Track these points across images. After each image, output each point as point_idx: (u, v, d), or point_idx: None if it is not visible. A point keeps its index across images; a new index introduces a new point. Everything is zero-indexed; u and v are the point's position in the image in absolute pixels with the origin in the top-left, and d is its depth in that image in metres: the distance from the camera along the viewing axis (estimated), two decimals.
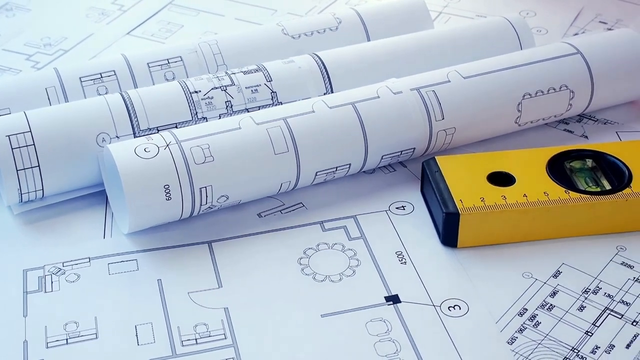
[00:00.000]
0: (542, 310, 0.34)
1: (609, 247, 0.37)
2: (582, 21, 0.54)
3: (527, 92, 0.42)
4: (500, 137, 0.44)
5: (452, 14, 0.56)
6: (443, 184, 0.38)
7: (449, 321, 0.34)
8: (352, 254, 0.37)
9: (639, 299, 0.35)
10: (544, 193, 0.37)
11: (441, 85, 0.41)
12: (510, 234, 0.37)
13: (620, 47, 0.45)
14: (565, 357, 0.33)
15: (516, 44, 0.46)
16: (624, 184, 0.38)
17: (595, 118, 0.45)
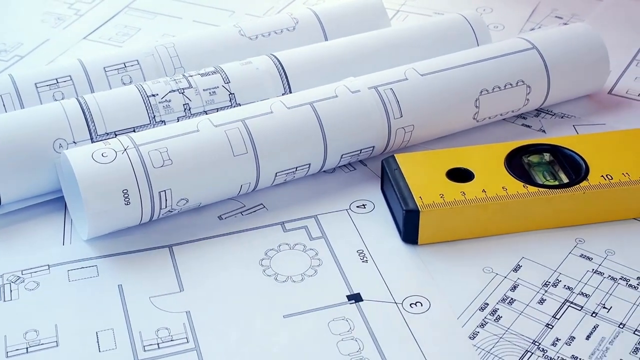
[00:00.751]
0: (503, 304, 0.35)
1: (568, 239, 0.38)
2: (539, 16, 0.55)
3: (484, 88, 0.42)
4: (459, 133, 0.44)
5: (410, 11, 0.56)
6: (402, 182, 0.38)
7: (411, 318, 0.34)
8: (313, 254, 0.37)
9: (598, 291, 0.35)
10: (503, 188, 0.38)
11: (399, 83, 0.41)
12: (470, 230, 0.38)
13: (576, 41, 0.45)
14: (527, 350, 0.33)
15: (473, 40, 0.47)
16: (581, 177, 0.38)
17: (552, 112, 0.46)
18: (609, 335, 0.33)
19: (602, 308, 0.34)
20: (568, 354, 0.33)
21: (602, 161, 0.39)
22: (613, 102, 0.47)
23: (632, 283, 0.35)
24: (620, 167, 0.38)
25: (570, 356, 0.32)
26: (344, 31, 0.47)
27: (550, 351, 0.33)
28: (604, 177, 0.38)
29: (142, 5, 0.57)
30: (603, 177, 0.38)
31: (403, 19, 0.55)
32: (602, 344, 0.33)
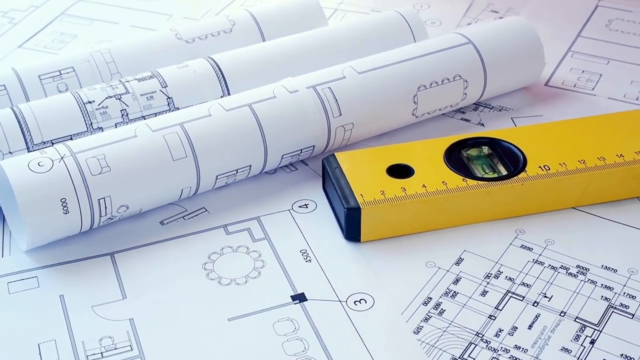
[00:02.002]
0: (446, 298, 0.35)
1: (508, 231, 0.38)
2: (475, 11, 0.55)
3: (422, 84, 0.43)
4: (399, 129, 0.44)
5: (348, 10, 0.56)
6: (343, 180, 0.38)
7: (355, 316, 0.34)
8: (256, 256, 0.37)
9: (539, 280, 0.36)
10: (442, 182, 0.38)
11: (337, 81, 0.41)
12: (412, 225, 0.38)
13: (511, 35, 0.45)
14: (470, 342, 0.33)
15: (410, 37, 0.47)
16: (520, 169, 0.39)
17: (490, 106, 0.46)
18: (551, 323, 0.34)
19: (543, 297, 0.35)
20: (511, 344, 0.33)
21: (539, 152, 0.39)
22: (550, 93, 0.47)
23: (572, 271, 0.36)
24: (557, 158, 0.39)
25: (513, 346, 0.33)
26: (281, 31, 0.47)
27: (493, 342, 0.33)
28: (542, 168, 0.38)
29: (78, 11, 0.56)
30: (540, 168, 0.39)
31: (341, 18, 0.55)
32: (544, 333, 0.33)
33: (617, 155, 0.39)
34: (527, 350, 0.33)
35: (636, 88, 0.47)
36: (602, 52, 0.51)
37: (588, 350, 0.33)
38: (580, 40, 0.52)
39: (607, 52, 0.51)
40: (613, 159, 0.39)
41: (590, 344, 0.33)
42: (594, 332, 0.33)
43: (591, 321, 0.34)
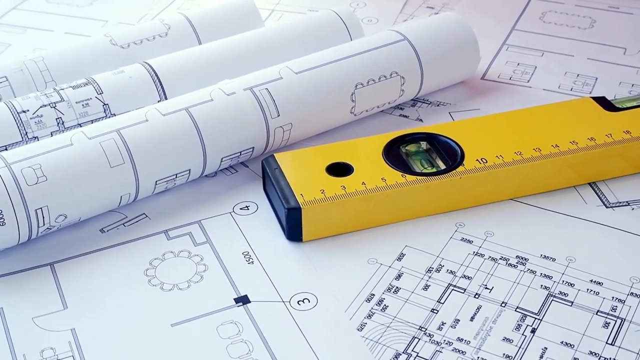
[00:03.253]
0: (388, 293, 0.35)
1: (448, 225, 0.38)
2: (411, 8, 0.56)
3: (359, 82, 0.43)
4: (338, 128, 0.44)
5: (285, 10, 0.56)
6: (283, 180, 0.38)
7: (299, 315, 0.34)
8: (198, 260, 0.37)
9: (479, 272, 0.36)
10: (382, 179, 0.38)
11: (274, 82, 0.41)
12: (353, 223, 0.38)
13: (446, 30, 0.46)
14: (414, 336, 0.33)
15: (346, 35, 0.47)
16: (457, 163, 0.39)
17: (428, 101, 0.47)
18: (492, 314, 0.34)
19: (484, 289, 0.35)
20: (454, 336, 0.33)
21: (476, 146, 0.40)
22: (486, 87, 0.48)
23: (512, 262, 0.36)
24: (494, 150, 0.39)
25: (455, 339, 0.33)
26: (217, 34, 0.47)
27: (436, 336, 0.33)
28: (479, 161, 0.39)
29: (11, 20, 0.55)
30: (478, 161, 0.39)
31: (278, 18, 0.55)
32: (486, 324, 0.34)
33: (553, 145, 0.40)
34: (470, 342, 0.33)
35: (570, 79, 0.48)
36: (537, 45, 0.51)
37: (529, 339, 0.33)
38: (515, 33, 0.53)
39: (542, 45, 0.51)
40: (549, 150, 0.39)
41: (531, 333, 0.33)
42: (534, 321, 0.34)
43: (532, 310, 0.34)
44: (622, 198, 0.39)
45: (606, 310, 0.34)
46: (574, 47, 0.51)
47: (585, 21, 0.54)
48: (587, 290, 0.35)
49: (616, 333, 0.33)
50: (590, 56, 0.50)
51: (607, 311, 0.34)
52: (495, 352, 0.32)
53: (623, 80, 0.48)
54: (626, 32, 0.52)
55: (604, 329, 0.33)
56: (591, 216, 0.38)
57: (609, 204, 0.39)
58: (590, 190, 0.40)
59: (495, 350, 0.33)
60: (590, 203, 0.39)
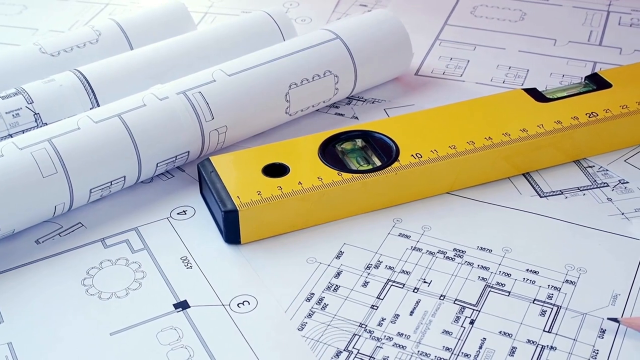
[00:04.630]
0: (328, 292, 0.35)
1: (386, 221, 0.38)
2: (344, 6, 0.56)
3: (293, 82, 0.43)
4: (274, 128, 0.44)
5: (218, 12, 0.56)
6: (219, 183, 0.38)
7: (239, 318, 0.34)
8: (136, 267, 0.36)
9: (418, 267, 0.36)
10: (318, 178, 0.38)
11: (207, 85, 0.41)
12: (291, 223, 0.38)
13: (378, 28, 0.46)
14: (354, 333, 0.33)
15: (279, 36, 0.47)
16: (393, 159, 0.39)
17: (363, 98, 0.47)
18: (431, 308, 0.34)
19: (422, 283, 0.35)
20: (394, 332, 0.33)
21: (411, 141, 0.40)
22: (420, 82, 0.48)
23: (449, 255, 0.37)
24: (428, 145, 0.40)
25: (396, 334, 0.33)
26: (149, 39, 0.46)
27: (377, 332, 0.33)
28: (414, 156, 0.39)
29: None
30: (413, 156, 0.39)
31: (211, 21, 0.55)
32: (425, 318, 0.34)
33: (486, 138, 0.40)
34: (410, 337, 0.33)
35: (502, 71, 0.49)
36: (469, 39, 0.52)
37: (468, 331, 0.33)
38: (447, 28, 0.53)
39: (473, 39, 0.52)
40: (482, 142, 0.40)
41: (470, 324, 0.34)
42: (473, 312, 0.34)
43: (470, 302, 0.34)
44: (556, 187, 0.40)
45: (542, 298, 0.34)
46: (506, 40, 0.52)
47: (516, 14, 0.54)
48: (524, 279, 0.35)
49: (553, 320, 0.34)
50: (521, 48, 0.51)
51: (544, 299, 0.34)
52: (435, 345, 0.33)
53: (554, 71, 0.48)
54: (556, 24, 0.53)
55: (541, 317, 0.34)
56: (526, 206, 0.39)
57: (543, 194, 0.40)
58: (524, 181, 0.40)
59: (435, 344, 0.33)
60: (525, 193, 0.40)
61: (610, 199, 0.39)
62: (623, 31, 0.52)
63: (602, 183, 0.40)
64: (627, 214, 0.38)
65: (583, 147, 0.41)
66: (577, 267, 0.36)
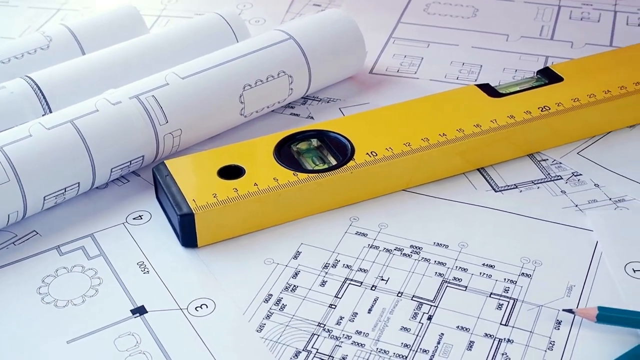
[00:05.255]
0: (286, 292, 0.35)
1: (343, 220, 0.39)
2: (298, 6, 0.56)
3: (247, 83, 0.43)
4: (229, 130, 0.44)
5: (171, 15, 0.56)
6: (175, 187, 0.38)
7: (197, 322, 0.34)
8: (93, 274, 0.36)
9: (375, 264, 0.36)
10: (274, 179, 0.38)
11: (160, 89, 0.41)
12: (248, 224, 0.38)
13: (331, 27, 0.46)
14: (313, 333, 0.33)
15: (232, 37, 0.47)
16: (348, 158, 0.39)
17: (318, 98, 0.47)
18: (389, 305, 0.34)
19: (380, 280, 0.36)
20: (352, 330, 0.33)
21: (366, 139, 0.40)
22: (375, 80, 0.48)
23: (406, 252, 0.37)
24: (383, 143, 0.40)
25: (354, 332, 0.33)
26: (101, 43, 0.46)
27: (335, 330, 0.33)
28: (369, 155, 0.39)
29: None
30: (368, 154, 0.39)
31: (165, 24, 0.55)
32: (383, 315, 0.34)
33: (440, 134, 0.40)
34: (368, 334, 0.33)
35: (456, 68, 0.49)
36: (422, 36, 0.52)
37: (426, 327, 0.33)
38: (401, 26, 0.53)
39: (427, 36, 0.52)
40: (436, 139, 0.40)
41: (428, 320, 0.34)
42: (430, 308, 0.34)
43: (427, 298, 0.35)
44: (510, 181, 0.40)
45: (499, 292, 0.35)
46: (459, 37, 0.52)
47: (469, 10, 0.55)
48: (480, 274, 0.36)
49: (509, 313, 0.34)
50: (474, 44, 0.51)
51: (500, 293, 0.35)
52: (393, 342, 0.33)
53: (506, 66, 0.49)
54: (508, 20, 0.53)
55: (498, 310, 0.34)
56: (481, 201, 0.39)
57: (498, 188, 0.40)
58: (479, 176, 0.41)
59: (394, 340, 0.33)
60: (480, 188, 0.40)
61: (564, 191, 0.40)
62: (574, 25, 0.53)
63: (556, 176, 0.41)
64: (581, 206, 0.39)
65: (536, 141, 0.42)
66: (532, 260, 0.36)
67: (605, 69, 0.45)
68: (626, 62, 0.45)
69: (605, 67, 0.45)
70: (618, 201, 0.39)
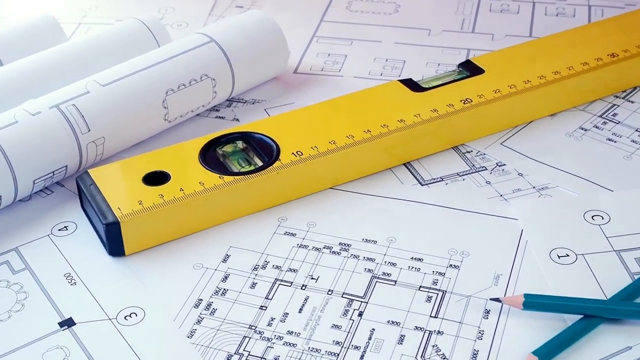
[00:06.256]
0: (216, 296, 0.35)
1: (271, 220, 0.38)
2: (220, 9, 0.56)
3: (169, 88, 0.42)
4: (155, 136, 0.44)
5: (92, 22, 0.55)
6: (99, 196, 0.37)
7: (127, 331, 0.34)
8: (18, 288, 0.36)
9: (305, 264, 0.36)
10: (200, 183, 0.38)
11: (81, 97, 0.40)
12: (176, 230, 0.38)
13: (253, 28, 0.46)
14: (244, 335, 0.33)
15: (153, 42, 0.46)
16: (274, 159, 0.39)
17: (243, 100, 0.47)
18: (320, 303, 0.34)
19: (310, 279, 0.36)
20: (284, 330, 0.33)
21: (292, 139, 0.40)
22: (299, 80, 0.48)
23: (335, 250, 0.37)
24: (309, 142, 0.40)
25: (286, 332, 0.33)
26: (19, 54, 0.45)
27: (267, 332, 0.33)
28: (295, 154, 0.39)
29: None
30: (294, 154, 0.39)
31: (86, 31, 0.54)
32: (314, 314, 0.34)
33: (365, 131, 0.40)
34: (300, 334, 0.33)
35: (380, 64, 0.49)
36: (345, 34, 0.52)
37: (357, 323, 0.34)
38: (324, 25, 0.53)
39: (350, 33, 0.52)
40: (361, 136, 0.40)
41: (359, 317, 0.34)
42: (361, 305, 0.34)
43: (357, 294, 0.35)
44: (436, 174, 0.41)
45: (428, 285, 0.35)
46: (381, 33, 0.52)
47: (390, 6, 0.55)
48: (409, 267, 0.36)
49: (439, 306, 0.34)
50: (397, 40, 0.51)
51: (429, 285, 0.35)
52: (325, 340, 0.33)
53: (429, 61, 0.49)
54: (429, 14, 0.54)
55: (427, 303, 0.34)
56: (408, 195, 0.40)
57: (424, 182, 0.40)
58: (405, 171, 0.41)
59: (325, 339, 0.33)
60: (407, 183, 0.40)
61: (489, 182, 0.40)
62: (494, 17, 0.53)
63: (481, 167, 0.41)
64: (505, 196, 0.39)
65: (460, 133, 0.42)
66: (460, 251, 0.36)
67: (525, 59, 0.45)
68: (545, 52, 0.46)
69: (525, 57, 0.45)
70: (541, 189, 0.40)
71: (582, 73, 0.44)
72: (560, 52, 0.45)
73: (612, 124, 0.43)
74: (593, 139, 0.43)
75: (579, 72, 0.44)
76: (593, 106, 0.45)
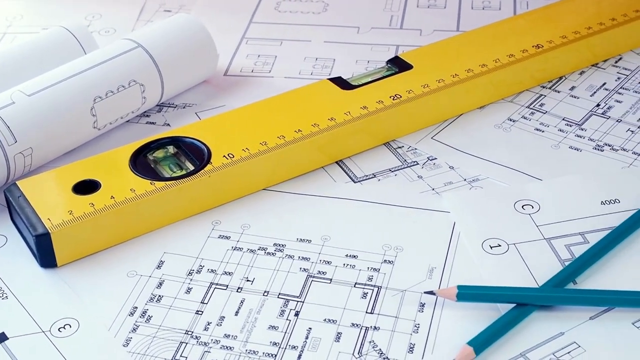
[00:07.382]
0: (151, 303, 0.35)
1: (204, 224, 0.38)
2: (148, 14, 0.55)
3: (97, 95, 0.42)
4: (85, 145, 0.43)
5: (18, 32, 0.54)
6: (29, 208, 0.37)
7: (61, 343, 0.33)
8: None
9: (240, 266, 0.36)
10: (131, 190, 0.38)
11: (6, 108, 0.40)
12: (108, 238, 0.37)
13: (180, 32, 0.46)
14: (181, 341, 0.33)
15: (79, 50, 0.46)
16: (205, 162, 0.39)
17: (174, 104, 0.46)
18: (256, 305, 0.34)
19: (246, 282, 0.35)
20: (221, 334, 0.33)
21: (223, 142, 0.40)
22: (230, 82, 0.48)
23: (270, 251, 0.37)
24: (240, 144, 0.40)
25: (223, 335, 0.33)
26: None
27: (203, 336, 0.33)
28: (226, 157, 0.39)
29: None
30: (225, 157, 0.39)
31: (11, 41, 0.53)
32: (250, 316, 0.34)
33: (296, 131, 0.40)
34: (237, 337, 0.33)
35: (310, 63, 0.49)
36: (275, 35, 0.52)
37: (294, 323, 0.34)
38: (253, 26, 0.53)
39: (280, 34, 0.52)
40: (292, 135, 0.40)
41: (295, 316, 0.34)
42: (297, 304, 0.34)
43: (293, 294, 0.35)
44: (368, 171, 0.41)
45: (363, 281, 0.35)
46: (311, 33, 0.52)
47: (319, 5, 0.55)
48: (344, 265, 0.36)
49: (374, 301, 0.34)
50: (326, 39, 0.52)
51: (364, 282, 0.35)
52: (262, 341, 0.33)
53: (359, 58, 0.50)
54: (358, 12, 0.54)
55: (363, 299, 0.34)
56: (341, 193, 0.40)
57: (357, 179, 0.41)
58: (338, 169, 0.41)
59: (262, 340, 0.33)
60: (339, 180, 0.40)
61: (421, 176, 0.40)
62: (422, 13, 0.54)
63: (412, 162, 0.41)
64: (437, 189, 0.40)
65: (391, 129, 0.43)
66: (394, 246, 0.37)
67: (453, 53, 0.46)
68: (472, 45, 0.46)
69: (453, 51, 0.46)
70: (472, 181, 0.40)
71: (508, 65, 0.44)
72: (486, 45, 0.46)
73: (540, 114, 0.44)
74: (521, 129, 0.43)
75: (505, 64, 0.44)
76: (520, 97, 0.46)
